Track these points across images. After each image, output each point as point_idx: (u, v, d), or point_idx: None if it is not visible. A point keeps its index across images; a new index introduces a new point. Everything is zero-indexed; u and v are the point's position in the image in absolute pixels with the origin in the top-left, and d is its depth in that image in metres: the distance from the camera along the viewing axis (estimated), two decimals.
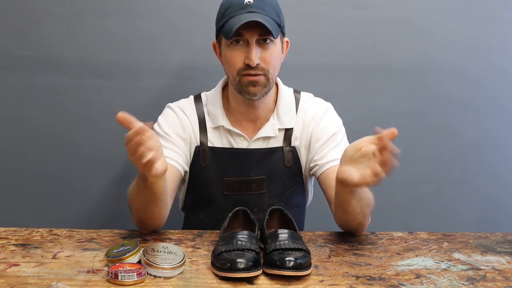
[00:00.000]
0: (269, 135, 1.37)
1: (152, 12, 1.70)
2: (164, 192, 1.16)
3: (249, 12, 1.23)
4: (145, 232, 1.24)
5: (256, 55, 1.24)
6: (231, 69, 1.29)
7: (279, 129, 1.38)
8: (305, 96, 1.43)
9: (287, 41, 1.36)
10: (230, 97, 1.38)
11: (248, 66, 1.25)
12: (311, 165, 1.38)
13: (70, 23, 1.68)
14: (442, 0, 1.75)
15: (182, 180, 1.40)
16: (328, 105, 1.43)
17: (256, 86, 1.27)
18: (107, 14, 1.69)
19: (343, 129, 1.41)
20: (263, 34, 1.24)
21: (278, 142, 1.38)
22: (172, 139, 1.34)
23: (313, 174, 1.39)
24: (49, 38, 1.69)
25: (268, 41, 1.26)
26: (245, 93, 1.29)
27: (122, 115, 1.00)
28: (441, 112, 1.81)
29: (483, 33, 1.78)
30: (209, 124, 1.38)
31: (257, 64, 1.25)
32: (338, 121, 1.42)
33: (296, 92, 1.43)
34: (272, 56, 1.27)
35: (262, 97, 1.31)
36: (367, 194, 1.17)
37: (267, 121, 1.38)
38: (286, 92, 1.40)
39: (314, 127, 1.38)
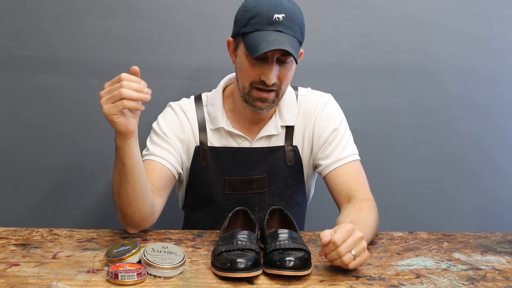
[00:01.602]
0: (271, 133, 1.37)
1: (152, 12, 1.70)
2: (136, 168, 1.14)
3: (276, 31, 1.20)
4: (131, 231, 1.24)
5: (274, 74, 1.23)
6: (243, 78, 1.27)
7: (281, 126, 1.38)
8: (302, 91, 1.43)
9: (301, 53, 1.33)
10: (236, 99, 1.37)
11: (263, 82, 1.23)
12: (316, 162, 1.38)
13: (70, 23, 1.68)
14: (442, 0, 1.75)
15: (179, 180, 1.41)
16: (328, 97, 1.42)
17: (264, 103, 1.27)
18: (107, 14, 1.69)
19: (345, 121, 1.41)
20: (286, 55, 1.21)
21: (280, 141, 1.38)
22: (169, 140, 1.34)
23: (319, 173, 1.39)
24: (49, 38, 1.69)
25: (289, 61, 1.24)
26: (252, 105, 1.28)
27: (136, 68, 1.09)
28: (441, 111, 1.81)
29: (483, 32, 1.78)
30: (209, 126, 1.38)
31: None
32: (339, 114, 1.41)
33: (294, 88, 1.43)
34: (288, 74, 1.26)
35: (268, 110, 1.31)
36: (370, 232, 1.18)
37: (270, 119, 1.38)
38: (287, 90, 1.40)
39: (315, 122, 1.38)
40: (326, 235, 0.99)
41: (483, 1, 1.76)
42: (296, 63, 1.24)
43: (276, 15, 1.20)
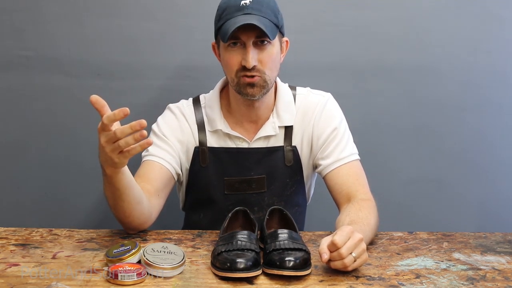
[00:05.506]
0: (269, 134, 1.37)
1: (152, 12, 1.70)
2: (129, 187, 1.12)
3: (245, 14, 1.23)
4: (131, 232, 1.24)
5: (252, 57, 1.24)
6: (229, 70, 1.29)
7: (279, 127, 1.38)
8: (301, 90, 1.43)
9: (286, 41, 1.36)
10: (231, 98, 1.38)
11: (244, 68, 1.25)
12: (316, 162, 1.38)
13: (70, 23, 1.68)
14: (442, 0, 1.75)
15: (179, 181, 1.41)
16: (328, 96, 1.42)
17: (254, 88, 1.27)
18: (108, 14, 1.69)
19: (345, 121, 1.41)
20: (260, 36, 1.23)
21: (279, 141, 1.38)
22: (169, 141, 1.35)
23: (318, 173, 1.39)
24: (49, 38, 1.69)
25: (265, 42, 1.25)
26: (244, 94, 1.29)
27: (96, 97, 1.03)
28: (440, 112, 1.81)
29: (483, 33, 1.77)
30: (207, 127, 1.38)
31: (254, 65, 1.24)
32: (339, 113, 1.41)
33: (292, 88, 1.43)
34: (269, 57, 1.26)
35: (261, 97, 1.31)
36: (370, 232, 1.18)
37: (267, 119, 1.38)
38: (284, 89, 1.40)
39: (315, 122, 1.38)
40: (325, 248, 0.99)
41: (483, 2, 1.76)
42: (271, 38, 1.22)
43: (243, 2, 1.24)
